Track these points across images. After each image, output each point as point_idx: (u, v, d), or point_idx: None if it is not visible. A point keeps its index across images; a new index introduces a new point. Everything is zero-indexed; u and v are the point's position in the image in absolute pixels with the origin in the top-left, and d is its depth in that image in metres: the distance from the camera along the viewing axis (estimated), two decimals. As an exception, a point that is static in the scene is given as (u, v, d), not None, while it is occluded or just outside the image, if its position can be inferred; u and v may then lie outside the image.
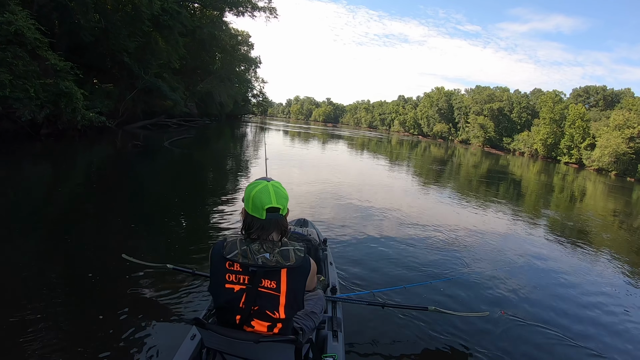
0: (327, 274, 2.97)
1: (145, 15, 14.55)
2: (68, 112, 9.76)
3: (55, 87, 9.43)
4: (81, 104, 10.10)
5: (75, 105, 9.78)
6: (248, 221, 1.45)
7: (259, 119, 65.12)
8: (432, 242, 5.78)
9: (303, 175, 10.86)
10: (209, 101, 31.06)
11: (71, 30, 13.15)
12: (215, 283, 1.42)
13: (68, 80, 10.12)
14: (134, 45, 14.98)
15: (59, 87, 9.40)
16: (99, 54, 15.23)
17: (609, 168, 41.41)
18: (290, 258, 1.41)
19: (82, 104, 10.23)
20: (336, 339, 2.05)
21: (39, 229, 4.45)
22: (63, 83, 9.50)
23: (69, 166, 8.79)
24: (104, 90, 15.73)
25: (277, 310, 1.39)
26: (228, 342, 1.39)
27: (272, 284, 1.39)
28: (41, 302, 2.83)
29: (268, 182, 1.48)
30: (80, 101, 10.01)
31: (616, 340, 3.59)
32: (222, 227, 5.20)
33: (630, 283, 5.45)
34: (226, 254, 1.39)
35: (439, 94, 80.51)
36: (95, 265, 3.54)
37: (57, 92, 9.49)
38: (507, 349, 3.05)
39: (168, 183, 8.22)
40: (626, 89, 58.49)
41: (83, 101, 10.29)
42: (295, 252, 1.44)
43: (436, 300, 3.66)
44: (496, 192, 13.79)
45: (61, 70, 10.04)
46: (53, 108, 9.72)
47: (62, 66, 10.05)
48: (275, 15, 26.91)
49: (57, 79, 9.80)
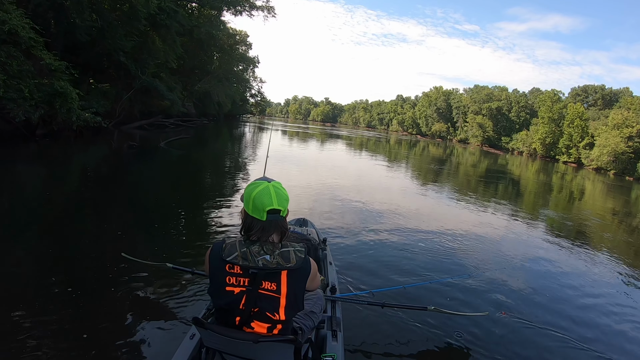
0: (326, 273, 2.96)
1: (142, 14, 14.40)
2: (63, 113, 9.62)
3: (49, 87, 9.29)
4: (76, 104, 9.95)
5: (70, 105, 9.63)
6: (248, 222, 1.43)
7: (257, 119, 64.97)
8: (432, 242, 5.76)
9: (302, 175, 10.81)
10: (206, 101, 30.93)
11: (67, 29, 13.02)
12: (215, 285, 1.41)
13: (63, 80, 9.98)
14: (131, 45, 14.84)
15: (53, 87, 9.26)
16: (96, 54, 15.09)
17: (608, 167, 41.42)
18: (290, 259, 1.39)
19: (78, 104, 10.08)
20: (335, 338, 2.05)
21: (38, 229, 4.43)
22: (58, 83, 9.36)
23: (64, 167, 8.68)
24: (100, 90, 15.61)
25: (277, 312, 1.38)
26: (227, 342, 1.39)
27: (272, 286, 1.37)
28: (40, 301, 2.83)
29: (269, 183, 1.45)
30: (76, 101, 9.87)
31: (616, 340, 3.57)
32: (221, 226, 5.20)
33: (630, 283, 5.43)
34: (226, 256, 1.37)
35: (438, 93, 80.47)
36: (95, 264, 3.55)
37: (51, 92, 9.34)
38: (507, 349, 3.04)
39: (164, 184, 8.11)
40: (625, 88, 58.65)
41: (78, 101, 10.15)
42: (296, 253, 1.42)
43: (436, 300, 3.65)
44: (495, 191, 13.78)
45: (56, 69, 9.90)
46: (48, 108, 9.57)
47: (57, 66, 9.91)
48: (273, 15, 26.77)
49: (52, 79, 9.68)
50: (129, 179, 8.15)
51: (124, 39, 14.28)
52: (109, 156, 10.73)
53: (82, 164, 9.40)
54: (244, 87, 47.07)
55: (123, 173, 8.84)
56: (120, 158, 10.43)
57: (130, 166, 9.71)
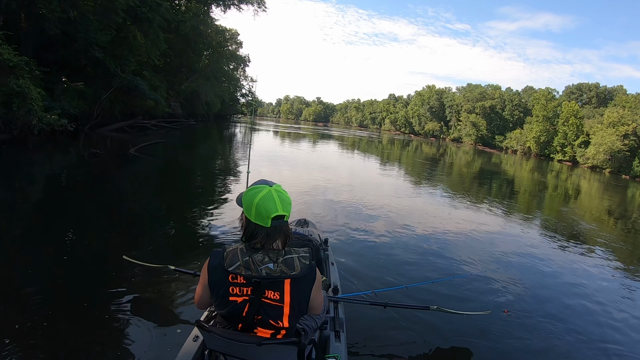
0: (328, 274, 2.94)
1: (120, 6, 13.17)
2: (21, 115, 8.33)
3: (5, 87, 8.02)
4: (38, 105, 8.64)
5: (30, 106, 8.34)
6: (251, 229, 1.37)
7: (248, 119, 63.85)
8: (433, 241, 5.77)
9: (297, 176, 10.72)
10: (194, 101, 29.58)
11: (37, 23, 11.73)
12: (217, 296, 1.36)
13: (24, 77, 8.72)
14: (107, 39, 13.53)
15: (9, 85, 7.98)
16: (73, 51, 13.79)
17: (604, 165, 41.22)
18: (295, 267, 1.34)
19: (40, 105, 8.78)
20: (338, 339, 2.04)
21: (36, 233, 4.33)
22: (14, 81, 8.07)
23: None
24: (74, 89, 14.23)
25: (280, 320, 1.35)
26: (230, 344, 1.36)
27: (275, 295, 1.33)
28: (43, 303, 2.82)
29: (271, 187, 1.39)
30: (37, 102, 8.57)
31: (618, 337, 3.55)
32: (218, 229, 5.08)
33: (631, 279, 5.52)
34: (228, 266, 1.33)
35: (430, 92, 79.98)
36: (96, 268, 3.55)
37: (7, 91, 8.07)
38: (509, 348, 3.05)
39: (117, 213, 6.28)
40: (619, 86, 58.73)
41: (41, 102, 8.85)
42: (300, 259, 1.37)
43: (438, 299, 3.60)
44: (492, 191, 13.97)
45: (15, 66, 8.64)
46: (4, 110, 8.30)
47: (17, 62, 8.65)
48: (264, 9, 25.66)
49: (10, 77, 8.40)
50: (69, 204, 5.87)
51: (99, 33, 12.94)
52: (63, 167, 8.46)
53: (15, 178, 6.79)
54: (235, 87, 45.65)
55: (67, 193, 6.57)
56: (73, 171, 8.30)
57: (77, 185, 7.23)
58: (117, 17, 13.43)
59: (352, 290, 3.52)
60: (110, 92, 15.76)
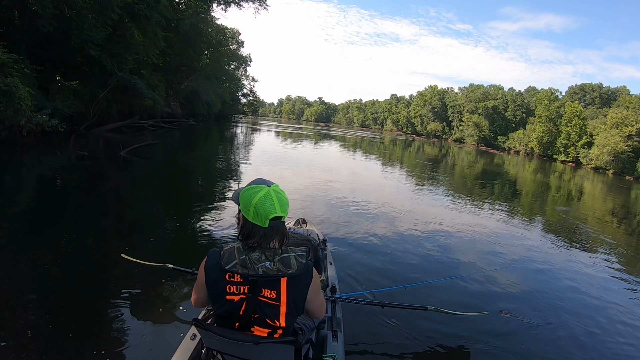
0: (326, 273, 2.96)
1: (116, 2, 12.81)
2: (9, 115, 7.98)
3: (-8, 85, 7.69)
4: (27, 104, 8.29)
5: (18, 106, 7.99)
6: (248, 229, 1.36)
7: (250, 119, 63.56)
8: (432, 242, 5.76)
9: (298, 175, 10.65)
10: (195, 100, 29.23)
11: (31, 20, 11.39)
12: (214, 295, 1.36)
13: (12, 76, 8.38)
14: (102, 36, 13.16)
15: (-4, 83, 7.66)
16: (69, 49, 13.43)
17: (607, 167, 40.82)
18: (291, 265, 1.34)
19: (29, 105, 8.43)
20: (336, 338, 2.04)
21: (33, 233, 4.27)
22: (2, 79, 7.73)
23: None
24: (70, 88, 13.88)
25: (277, 319, 1.35)
26: (228, 343, 1.36)
27: (272, 294, 1.33)
28: (39, 302, 2.84)
29: (269, 188, 1.37)
30: (26, 101, 8.22)
31: (617, 338, 3.55)
32: (217, 229, 5.03)
33: (630, 281, 5.49)
34: (225, 264, 1.32)
35: (433, 92, 79.50)
36: (94, 266, 3.55)
37: (-6, 90, 7.74)
38: (507, 349, 3.05)
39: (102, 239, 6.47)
40: (622, 86, 58.28)
41: (30, 101, 8.50)
42: (297, 258, 1.36)
43: (436, 300, 3.60)
44: (494, 192, 13.93)
45: (3, 64, 8.31)
46: (-9, 110, 7.96)
47: (5, 59, 8.32)
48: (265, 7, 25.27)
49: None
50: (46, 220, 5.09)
51: (94, 30, 12.58)
52: (46, 171, 7.91)
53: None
54: (236, 86, 45.27)
55: (49, 198, 6.05)
56: (58, 174, 7.69)
57: (58, 190, 6.74)
58: (113, 14, 13.05)
59: (350, 290, 3.53)
60: (107, 91, 15.39)
